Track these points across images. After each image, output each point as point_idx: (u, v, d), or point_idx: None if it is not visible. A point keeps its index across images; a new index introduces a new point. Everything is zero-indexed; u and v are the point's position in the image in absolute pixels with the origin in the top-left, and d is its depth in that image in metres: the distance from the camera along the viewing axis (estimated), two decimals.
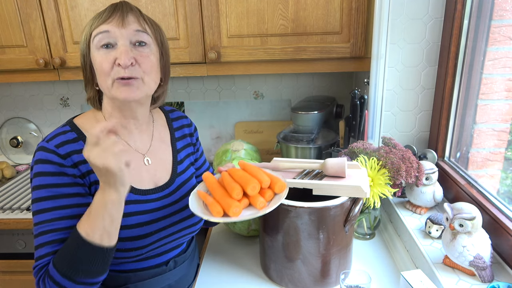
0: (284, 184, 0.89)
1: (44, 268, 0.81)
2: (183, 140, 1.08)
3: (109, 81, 0.86)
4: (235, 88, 1.87)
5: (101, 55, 0.85)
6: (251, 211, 0.85)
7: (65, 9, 1.43)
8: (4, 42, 1.48)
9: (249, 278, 1.05)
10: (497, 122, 1.14)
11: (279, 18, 1.40)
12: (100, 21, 0.86)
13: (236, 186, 0.85)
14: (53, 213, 0.82)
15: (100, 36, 0.85)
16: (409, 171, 1.09)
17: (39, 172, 0.83)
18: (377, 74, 1.29)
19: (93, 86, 0.92)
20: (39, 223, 0.82)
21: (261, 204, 0.84)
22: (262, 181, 0.87)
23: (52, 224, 0.82)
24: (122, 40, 0.85)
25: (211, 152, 1.96)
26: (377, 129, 1.36)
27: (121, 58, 0.84)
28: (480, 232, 0.88)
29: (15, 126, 1.99)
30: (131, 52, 0.85)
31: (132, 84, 0.86)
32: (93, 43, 0.86)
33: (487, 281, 0.86)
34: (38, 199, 0.83)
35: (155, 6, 1.41)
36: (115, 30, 0.85)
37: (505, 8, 1.06)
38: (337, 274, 0.98)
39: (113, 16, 0.86)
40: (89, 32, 0.87)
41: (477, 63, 1.14)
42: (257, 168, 0.91)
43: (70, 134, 0.89)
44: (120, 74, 0.85)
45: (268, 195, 0.87)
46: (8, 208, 1.50)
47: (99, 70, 0.86)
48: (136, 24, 0.87)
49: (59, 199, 0.83)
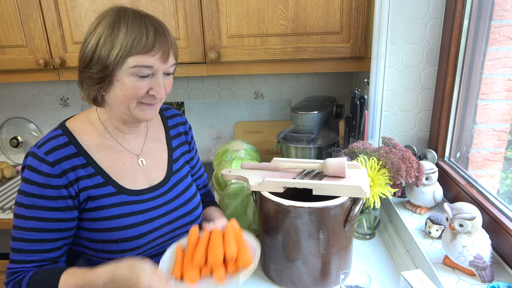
0: (250, 261, 0.83)
1: (16, 274, 0.84)
2: (178, 138, 1.08)
3: (133, 104, 0.87)
4: (235, 88, 1.87)
5: (134, 81, 0.84)
6: (209, 282, 0.81)
7: (65, 9, 1.43)
8: (4, 42, 1.48)
9: (249, 278, 1.05)
10: (497, 122, 1.14)
11: (279, 18, 1.40)
12: (143, 50, 0.82)
13: (200, 252, 0.82)
14: (31, 223, 0.83)
15: (142, 69, 0.83)
16: (409, 171, 1.09)
17: (26, 178, 0.84)
18: (377, 74, 1.29)
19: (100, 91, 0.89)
20: (18, 228, 0.84)
21: (218, 277, 0.80)
22: (227, 252, 0.82)
23: (29, 234, 0.83)
24: (160, 73, 0.86)
25: (211, 152, 1.96)
26: (377, 129, 1.36)
27: (159, 91, 0.86)
28: (480, 232, 0.88)
29: (15, 126, 1.99)
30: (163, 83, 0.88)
31: (155, 108, 0.90)
32: (128, 69, 0.83)
33: (487, 281, 0.86)
34: (20, 204, 0.84)
35: (155, 6, 1.41)
36: (158, 65, 0.84)
37: (505, 8, 1.06)
38: (337, 274, 0.98)
39: (157, 47, 0.83)
40: (126, 53, 0.81)
41: (477, 63, 1.14)
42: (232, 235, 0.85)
43: (62, 138, 0.88)
44: (149, 101, 0.88)
45: (231, 268, 0.82)
46: (8, 208, 1.50)
47: (128, 93, 0.84)
48: (173, 58, 0.87)
49: (39, 210, 0.83)
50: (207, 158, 1.96)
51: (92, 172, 0.89)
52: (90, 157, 0.89)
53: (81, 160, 0.88)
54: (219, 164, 1.55)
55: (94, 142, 0.92)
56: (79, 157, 0.88)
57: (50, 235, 0.85)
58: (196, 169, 1.15)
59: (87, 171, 0.88)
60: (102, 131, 0.93)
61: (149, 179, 0.97)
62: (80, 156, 0.88)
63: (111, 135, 0.95)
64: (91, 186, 0.88)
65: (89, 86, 0.89)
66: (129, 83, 0.84)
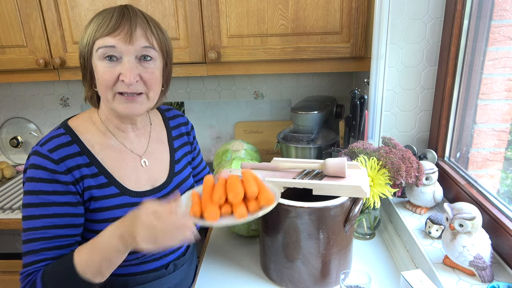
0: (272, 198, 0.82)
1: (31, 275, 0.80)
2: (180, 139, 1.08)
3: (110, 94, 0.85)
4: (235, 88, 1.87)
5: (104, 66, 0.83)
6: (230, 218, 0.80)
7: (65, 9, 1.43)
8: (4, 42, 1.48)
9: (249, 278, 1.05)
10: (497, 122, 1.14)
11: (279, 18, 1.40)
12: (106, 31, 0.81)
13: (219, 191, 0.81)
14: (42, 221, 0.81)
15: (104, 49, 0.81)
16: (409, 171, 1.09)
17: (32, 177, 0.82)
18: (377, 74, 1.29)
19: (92, 88, 0.90)
20: (28, 230, 0.81)
21: (239, 214, 0.79)
22: (248, 191, 0.81)
23: (41, 232, 0.81)
24: (128, 56, 0.83)
25: (211, 152, 1.96)
26: (377, 129, 1.36)
27: (126, 75, 0.82)
28: (480, 232, 0.88)
29: (15, 126, 1.99)
30: (136, 68, 0.83)
31: (135, 101, 0.85)
32: (96, 52, 0.83)
33: (487, 281, 0.86)
34: (29, 204, 0.82)
35: (155, 6, 1.41)
36: (121, 45, 0.81)
37: (505, 8, 1.06)
38: (337, 274, 0.98)
39: (120, 28, 0.81)
40: (92, 38, 0.83)
41: (477, 63, 1.14)
42: (252, 177, 0.84)
43: (64, 137, 0.87)
44: (123, 89, 0.83)
45: (253, 206, 0.81)
46: (8, 208, 1.50)
47: (100, 81, 0.84)
48: (143, 40, 0.83)
49: (49, 207, 0.81)
50: (207, 158, 1.96)
51: (95, 171, 0.88)
52: (93, 156, 0.89)
53: (84, 159, 0.87)
54: (219, 164, 1.55)
55: (97, 141, 0.91)
56: (83, 156, 0.87)
57: (61, 231, 0.82)
58: (199, 169, 1.14)
59: (91, 170, 0.87)
60: (104, 130, 0.93)
61: (151, 180, 0.97)
62: (83, 155, 0.87)
63: (113, 134, 0.94)
64: (94, 186, 0.87)
65: (86, 87, 0.90)
66: (100, 69, 0.83)
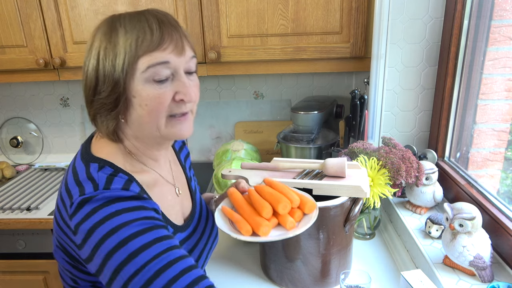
0: (314, 204, 0.82)
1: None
2: (183, 152, 1.01)
3: (163, 120, 0.71)
4: (235, 88, 1.87)
5: (156, 89, 0.68)
6: (280, 231, 0.78)
7: (65, 9, 1.43)
8: (4, 42, 1.48)
9: (249, 278, 1.05)
10: (497, 122, 1.14)
11: (279, 18, 1.40)
12: (151, 46, 0.67)
13: (266, 205, 0.78)
14: (157, 246, 0.63)
15: (158, 68, 0.67)
16: (409, 171, 1.09)
17: (114, 212, 0.64)
18: (377, 74, 1.29)
19: (118, 118, 0.72)
20: (148, 263, 0.61)
21: (290, 224, 0.78)
22: (292, 200, 0.79)
23: (167, 255, 0.63)
24: (181, 71, 0.70)
25: (211, 152, 1.96)
26: (377, 129, 1.36)
27: (187, 93, 0.70)
28: (480, 232, 0.88)
29: (15, 126, 1.99)
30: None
31: (187, 119, 0.74)
32: (142, 74, 0.67)
33: (487, 281, 0.86)
34: (130, 237, 0.62)
35: (155, 6, 1.41)
36: (174, 59, 0.68)
37: (505, 8, 1.06)
38: (337, 274, 0.98)
39: (168, 38, 0.68)
40: (133, 56, 0.66)
41: (477, 63, 1.14)
42: (285, 186, 0.84)
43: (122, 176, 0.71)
44: (179, 110, 0.72)
45: (297, 215, 0.80)
46: (8, 208, 1.50)
47: (150, 109, 0.69)
48: (190, 50, 0.72)
49: (154, 230, 0.65)
50: (207, 158, 1.96)
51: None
52: (149, 196, 0.75)
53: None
54: (219, 164, 1.55)
55: (142, 178, 0.76)
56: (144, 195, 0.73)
57: (179, 251, 0.66)
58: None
59: None
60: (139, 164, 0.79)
61: (182, 209, 0.87)
62: (144, 194, 0.73)
63: (146, 165, 0.80)
64: None
65: (105, 117, 0.71)
66: (149, 94, 0.68)
